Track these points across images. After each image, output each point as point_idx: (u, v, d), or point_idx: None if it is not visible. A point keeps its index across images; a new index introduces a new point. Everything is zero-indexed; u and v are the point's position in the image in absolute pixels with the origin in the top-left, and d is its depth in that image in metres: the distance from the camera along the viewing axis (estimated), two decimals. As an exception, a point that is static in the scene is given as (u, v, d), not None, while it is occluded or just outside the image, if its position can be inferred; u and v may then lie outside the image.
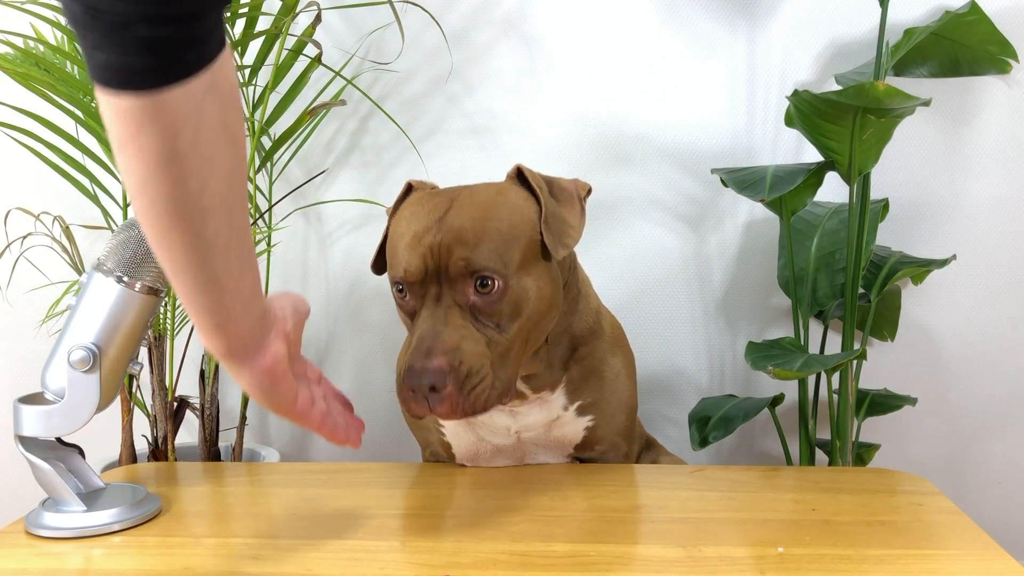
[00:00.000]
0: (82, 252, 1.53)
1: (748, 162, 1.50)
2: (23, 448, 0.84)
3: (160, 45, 0.52)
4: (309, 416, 0.78)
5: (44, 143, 1.28)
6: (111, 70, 0.53)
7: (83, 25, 0.52)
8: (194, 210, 0.59)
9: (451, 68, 1.51)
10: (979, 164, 1.47)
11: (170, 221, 0.59)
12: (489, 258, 0.85)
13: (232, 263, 0.64)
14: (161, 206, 0.59)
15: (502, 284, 0.85)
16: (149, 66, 0.53)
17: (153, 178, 0.57)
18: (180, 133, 0.56)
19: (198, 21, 0.53)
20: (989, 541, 0.78)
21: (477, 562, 0.75)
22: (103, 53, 0.53)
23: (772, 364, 1.15)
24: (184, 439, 1.56)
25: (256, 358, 0.70)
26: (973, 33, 1.35)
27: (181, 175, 0.57)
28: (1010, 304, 1.50)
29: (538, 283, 0.88)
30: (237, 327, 0.67)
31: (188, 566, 0.75)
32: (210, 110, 0.57)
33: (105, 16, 0.51)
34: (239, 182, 0.61)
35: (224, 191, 0.60)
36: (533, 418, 1.00)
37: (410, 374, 0.81)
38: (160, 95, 0.54)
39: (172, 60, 0.53)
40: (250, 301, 0.67)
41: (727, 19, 1.48)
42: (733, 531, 0.82)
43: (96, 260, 0.83)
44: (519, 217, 0.88)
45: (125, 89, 0.54)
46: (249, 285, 0.66)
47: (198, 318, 0.67)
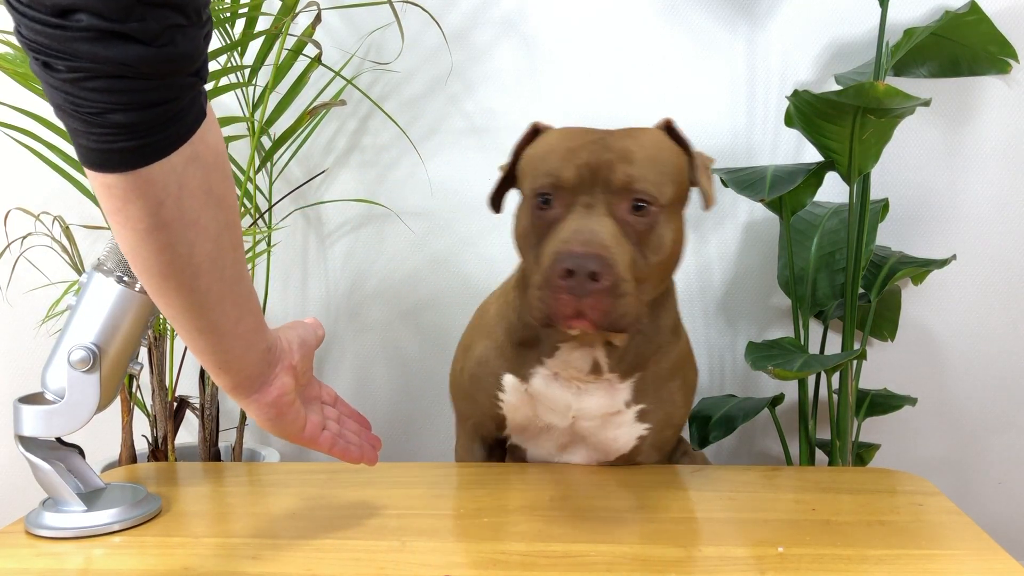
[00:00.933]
0: (82, 252, 1.53)
1: (748, 162, 1.50)
2: (23, 448, 0.84)
3: (135, 129, 0.55)
4: (318, 441, 0.80)
5: (44, 143, 1.28)
6: (92, 153, 0.56)
7: (64, 113, 0.55)
8: (185, 269, 0.63)
9: (451, 68, 1.51)
10: (979, 164, 1.47)
11: (163, 280, 0.63)
12: (652, 182, 0.85)
13: (227, 311, 0.67)
14: (153, 267, 0.62)
15: (656, 211, 0.85)
16: (126, 148, 0.56)
17: (142, 244, 0.61)
18: (163, 203, 0.59)
19: (171, 104, 0.56)
20: (989, 541, 0.78)
21: (477, 562, 0.75)
22: (83, 139, 0.56)
23: (772, 364, 1.15)
24: (184, 439, 1.56)
25: (262, 391, 0.73)
26: (973, 33, 1.35)
27: (168, 241, 0.61)
28: (1010, 304, 1.50)
29: (678, 227, 0.89)
30: (240, 365, 0.70)
31: (188, 566, 0.75)
32: (192, 179, 0.59)
33: (83, 106, 0.53)
34: (228, 240, 0.64)
35: (212, 250, 0.63)
36: (595, 403, 0.98)
37: (568, 256, 0.79)
38: (140, 172, 0.57)
39: (148, 141, 0.56)
40: (250, 342, 0.70)
41: (727, 19, 1.48)
42: (733, 531, 0.82)
43: (96, 260, 0.83)
44: (677, 160, 0.90)
45: (106, 170, 0.57)
46: (248, 327, 0.69)
47: (202, 359, 0.70)
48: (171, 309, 0.66)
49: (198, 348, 0.68)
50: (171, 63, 0.54)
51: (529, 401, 1.00)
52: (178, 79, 0.55)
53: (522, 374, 0.99)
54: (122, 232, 0.61)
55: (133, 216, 0.59)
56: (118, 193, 0.58)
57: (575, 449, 1.03)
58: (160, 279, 0.63)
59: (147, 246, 0.61)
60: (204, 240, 0.62)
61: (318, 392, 0.82)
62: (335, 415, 0.84)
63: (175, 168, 0.58)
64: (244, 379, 0.71)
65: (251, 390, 0.72)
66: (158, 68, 0.53)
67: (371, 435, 0.86)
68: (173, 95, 0.56)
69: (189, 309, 0.65)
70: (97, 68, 0.52)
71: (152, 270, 0.62)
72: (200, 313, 0.66)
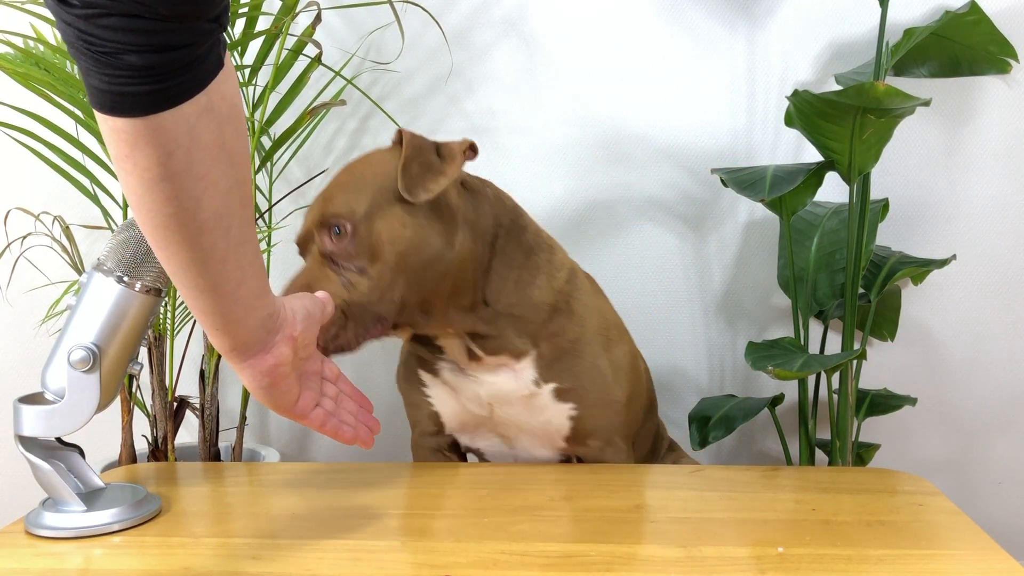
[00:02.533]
0: (82, 252, 1.53)
1: (748, 162, 1.50)
2: (23, 448, 0.84)
3: (149, 73, 0.53)
4: (309, 417, 0.79)
5: (44, 143, 1.28)
6: (103, 94, 0.55)
7: (76, 50, 0.53)
8: (189, 224, 0.61)
9: (451, 68, 1.51)
10: (979, 164, 1.47)
11: (166, 233, 0.61)
12: (340, 203, 0.91)
13: (230, 272, 0.65)
14: (157, 219, 0.61)
15: (351, 228, 0.90)
16: (139, 92, 0.54)
17: (148, 193, 0.59)
18: (173, 154, 0.57)
19: (188, 49, 0.54)
20: (989, 541, 0.78)
21: (477, 562, 0.75)
22: (95, 79, 0.54)
23: (772, 364, 1.15)
24: (184, 439, 1.56)
25: (258, 358, 0.71)
26: (973, 33, 1.35)
27: (174, 192, 0.59)
28: (1010, 304, 1.50)
29: (391, 226, 0.91)
30: (237, 329, 0.68)
31: (188, 566, 0.75)
32: (204, 131, 0.58)
33: (96, 44, 0.52)
34: (237, 198, 0.63)
35: (219, 207, 0.61)
36: (502, 388, 1.00)
37: None
38: (151, 119, 0.55)
39: (162, 87, 0.54)
40: (251, 306, 0.68)
41: (727, 19, 1.48)
42: (733, 531, 0.82)
43: (96, 260, 0.83)
44: (373, 169, 0.94)
45: (116, 114, 0.55)
46: (250, 291, 0.67)
47: (200, 318, 0.68)
48: (172, 264, 0.64)
49: (197, 307, 0.67)
50: (189, 5, 0.52)
51: (452, 392, 1.04)
52: (196, 23, 0.54)
53: (432, 369, 1.04)
54: (128, 179, 0.59)
55: (140, 164, 0.57)
56: (127, 139, 0.56)
57: (520, 440, 1.04)
58: (163, 231, 0.61)
59: (152, 196, 0.59)
60: (212, 196, 0.61)
61: (319, 367, 0.80)
62: (334, 393, 0.82)
63: (188, 118, 0.56)
64: (241, 343, 0.70)
65: (247, 355, 0.71)
66: (176, 10, 0.52)
67: (370, 417, 0.85)
68: (190, 40, 0.54)
69: (190, 265, 0.63)
70: (113, 5, 0.50)
71: (156, 221, 0.61)
72: (201, 271, 0.64)
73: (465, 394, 1.02)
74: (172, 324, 1.30)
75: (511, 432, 1.04)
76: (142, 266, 0.82)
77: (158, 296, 0.84)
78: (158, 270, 0.83)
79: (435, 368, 1.04)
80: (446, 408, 1.05)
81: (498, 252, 0.98)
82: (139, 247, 0.82)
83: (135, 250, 0.82)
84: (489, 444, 1.07)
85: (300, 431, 1.64)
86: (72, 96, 1.20)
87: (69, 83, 1.21)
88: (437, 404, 1.06)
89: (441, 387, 1.04)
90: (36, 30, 1.36)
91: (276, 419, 1.64)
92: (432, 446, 1.11)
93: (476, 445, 1.08)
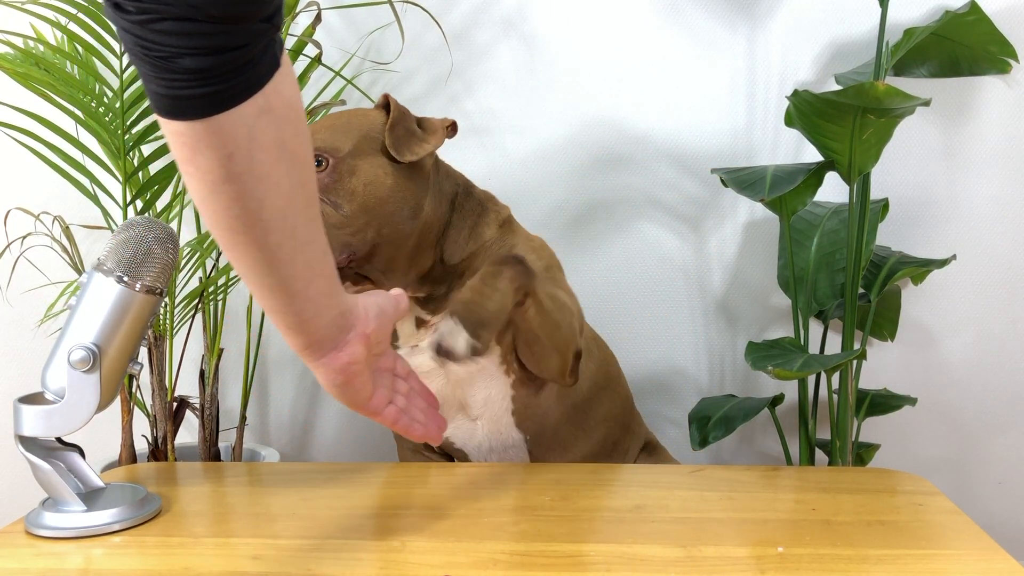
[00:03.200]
0: (82, 252, 1.53)
1: (748, 162, 1.50)
2: (23, 448, 0.84)
3: (205, 75, 0.54)
4: (382, 414, 0.79)
5: (44, 143, 1.28)
6: (162, 99, 0.56)
7: (135, 56, 0.55)
8: (255, 225, 0.62)
9: (451, 68, 1.51)
10: (979, 164, 1.47)
11: (232, 234, 0.62)
12: (320, 140, 0.94)
13: (298, 271, 0.66)
14: (223, 220, 0.62)
15: (332, 162, 0.94)
16: (196, 95, 0.55)
17: (212, 195, 0.60)
18: (233, 156, 0.58)
19: (242, 50, 0.55)
20: (989, 541, 0.78)
21: (477, 562, 0.75)
22: (154, 84, 0.55)
23: (772, 364, 1.15)
24: (184, 439, 1.56)
25: (331, 356, 0.72)
26: (973, 33, 1.35)
27: (237, 193, 0.60)
28: (1010, 304, 1.50)
29: (374, 171, 0.95)
30: (310, 328, 0.69)
31: (188, 566, 0.75)
32: (263, 131, 0.58)
33: (152, 49, 0.53)
34: (301, 198, 0.63)
35: (283, 207, 0.62)
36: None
37: None
38: (210, 121, 0.56)
39: (218, 89, 0.55)
40: (322, 305, 0.69)
41: (727, 19, 1.48)
42: (733, 531, 0.82)
43: (96, 260, 0.83)
44: (359, 120, 0.98)
45: (176, 117, 0.56)
46: (320, 290, 0.68)
47: (272, 317, 0.69)
48: (241, 265, 0.65)
49: (268, 307, 0.68)
50: (241, 7, 0.53)
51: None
52: (249, 25, 0.54)
53: None
54: (192, 182, 0.60)
55: (203, 166, 0.58)
56: (188, 142, 0.57)
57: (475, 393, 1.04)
58: (229, 233, 0.62)
59: (217, 198, 0.60)
60: (275, 196, 0.61)
61: (392, 364, 0.81)
62: (405, 389, 0.82)
63: (246, 119, 0.57)
64: (314, 341, 0.70)
65: (320, 353, 0.71)
66: (228, 11, 0.52)
67: (438, 415, 0.85)
68: (244, 41, 0.54)
69: (258, 265, 0.64)
70: (165, 9, 0.51)
71: (221, 223, 0.62)
72: (269, 271, 0.65)
73: (422, 371, 1.04)
74: (172, 324, 1.30)
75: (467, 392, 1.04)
76: (142, 266, 0.82)
77: (158, 296, 0.84)
78: (158, 270, 0.83)
79: None
80: None
81: (456, 208, 1.04)
82: (139, 247, 0.82)
83: (135, 250, 0.82)
84: (456, 428, 1.07)
85: (300, 431, 1.64)
86: (72, 96, 1.20)
87: (69, 83, 1.21)
88: None
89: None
90: (36, 30, 1.36)
91: (276, 419, 1.64)
92: (410, 447, 1.13)
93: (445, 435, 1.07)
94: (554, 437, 1.08)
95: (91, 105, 1.22)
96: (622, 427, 1.17)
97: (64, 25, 1.21)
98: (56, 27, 1.20)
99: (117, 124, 1.21)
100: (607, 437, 1.14)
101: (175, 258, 0.85)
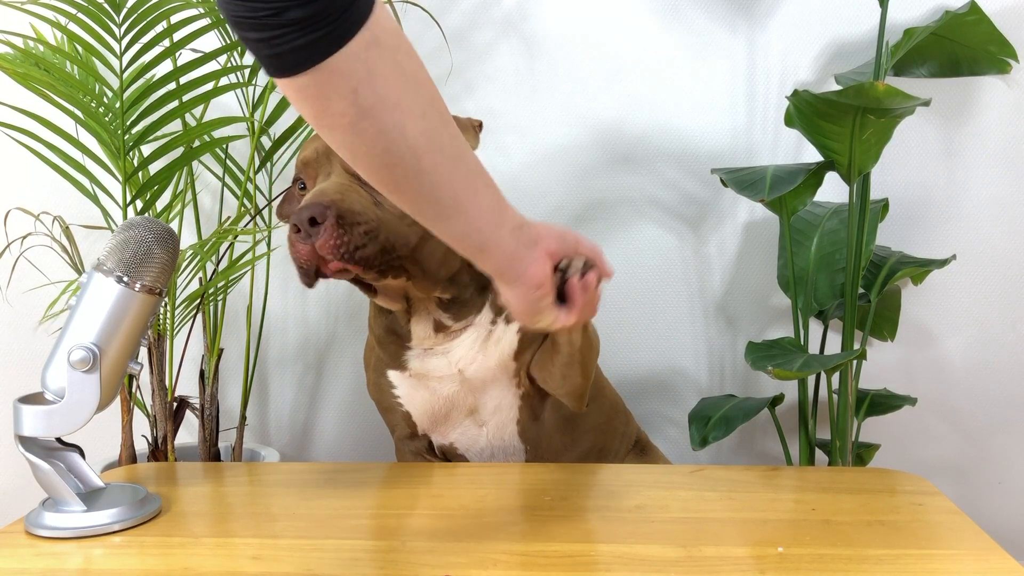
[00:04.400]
0: (82, 252, 1.53)
1: (748, 162, 1.50)
2: (23, 448, 0.84)
3: (312, 22, 0.57)
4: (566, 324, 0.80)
5: (44, 143, 1.28)
6: (278, 59, 0.59)
7: (243, 27, 0.58)
8: (405, 153, 0.64)
9: (451, 68, 1.51)
10: (979, 164, 1.47)
11: (389, 171, 0.65)
12: None
13: (461, 187, 0.68)
14: (376, 160, 0.64)
15: None
16: (307, 43, 0.58)
17: (357, 138, 0.63)
18: (357, 91, 0.61)
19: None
20: (989, 541, 0.78)
21: (477, 562, 0.75)
22: (265, 48, 0.58)
23: (772, 364, 1.15)
24: (184, 439, 1.56)
25: (528, 273, 0.74)
26: (973, 33, 1.35)
27: (377, 128, 0.63)
28: (1010, 304, 1.50)
29: None
30: (496, 243, 0.72)
31: (188, 566, 0.75)
32: (378, 62, 0.61)
33: (260, 9, 0.56)
34: (436, 115, 0.66)
35: (424, 127, 0.65)
36: (468, 341, 1.02)
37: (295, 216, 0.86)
38: (325, 65, 0.59)
39: (326, 31, 0.58)
40: (497, 218, 0.72)
41: (727, 19, 1.48)
42: (733, 531, 0.82)
43: (96, 260, 0.83)
44: None
45: (296, 72, 0.59)
46: (489, 202, 0.71)
47: (461, 248, 0.72)
48: (412, 203, 0.67)
49: (453, 236, 0.70)
50: None
51: (418, 384, 1.05)
52: None
53: (399, 364, 1.06)
54: (334, 134, 0.63)
55: (336, 110, 0.61)
56: (313, 92, 0.60)
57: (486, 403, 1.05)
58: (388, 170, 0.65)
59: (361, 138, 0.63)
60: (411, 119, 0.64)
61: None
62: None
63: (357, 54, 0.60)
64: (505, 260, 0.73)
65: (517, 272, 0.73)
66: None
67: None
68: None
69: (425, 194, 0.67)
70: None
71: (375, 164, 0.64)
72: (437, 196, 0.67)
73: (434, 375, 1.04)
74: (172, 324, 1.30)
75: (479, 399, 1.05)
76: (142, 266, 0.82)
77: (158, 296, 0.84)
78: (158, 270, 0.83)
79: (402, 361, 1.05)
80: (415, 404, 1.07)
81: None
82: (139, 247, 0.82)
83: (135, 250, 0.82)
84: (461, 433, 1.08)
85: (300, 431, 1.64)
86: (72, 96, 1.20)
87: (69, 83, 1.21)
88: (406, 403, 1.07)
89: (408, 381, 1.06)
90: (36, 30, 1.36)
91: (276, 419, 1.64)
92: (412, 450, 1.13)
93: (449, 440, 1.09)
94: (548, 447, 1.10)
95: (91, 105, 1.22)
96: (607, 434, 1.19)
97: (64, 25, 1.21)
98: (56, 27, 1.20)
99: (117, 124, 1.21)
100: (594, 445, 1.16)
101: (175, 258, 0.85)
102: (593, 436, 1.16)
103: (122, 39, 1.19)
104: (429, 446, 1.12)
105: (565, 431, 1.11)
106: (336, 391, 1.62)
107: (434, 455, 1.14)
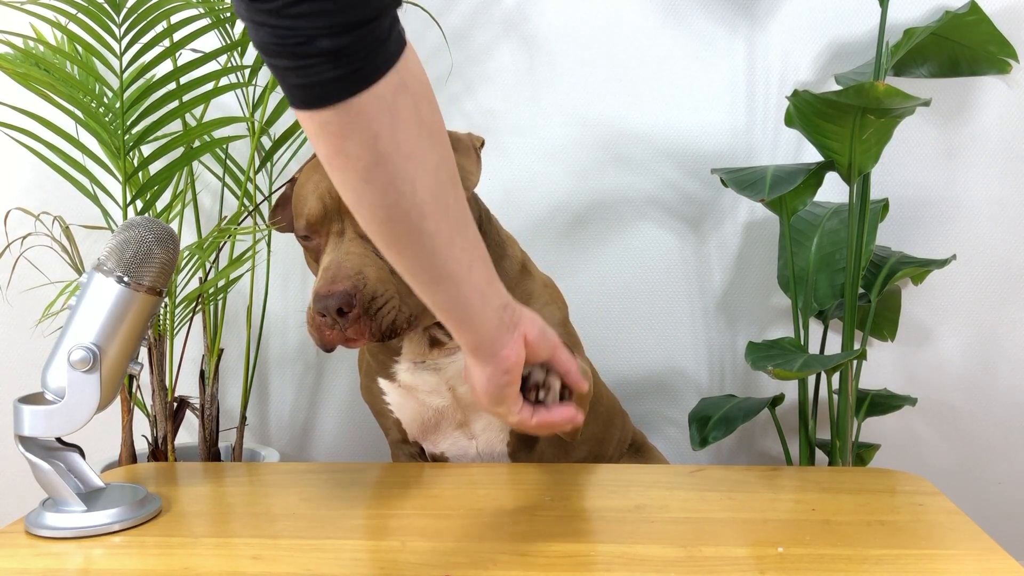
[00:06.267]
0: (82, 252, 1.53)
1: (748, 162, 1.50)
2: (23, 448, 0.84)
3: (342, 55, 0.56)
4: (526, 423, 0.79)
5: (44, 143, 1.28)
6: (303, 90, 0.57)
7: (273, 53, 0.56)
8: (411, 210, 0.63)
9: (451, 68, 1.51)
10: (979, 164, 1.47)
11: (392, 226, 0.63)
12: None
13: (459, 256, 0.67)
14: (380, 212, 0.62)
15: None
16: (335, 77, 0.57)
17: (366, 185, 0.61)
18: (379, 136, 0.59)
19: (373, 25, 0.57)
20: (989, 541, 0.78)
21: (477, 562, 0.75)
22: (292, 77, 0.57)
23: (772, 364, 1.15)
24: (184, 439, 1.56)
25: (500, 356, 0.72)
26: (973, 33, 1.35)
27: (389, 177, 0.61)
28: (1010, 304, 1.50)
29: None
30: (480, 321, 0.70)
31: (188, 566, 0.75)
32: (402, 108, 0.60)
33: (290, 36, 0.55)
34: (446, 174, 0.64)
35: (433, 185, 0.63)
36: (460, 364, 1.02)
37: (317, 299, 0.86)
38: (351, 103, 0.58)
39: (356, 68, 0.57)
40: (485, 294, 0.70)
41: (727, 19, 1.48)
42: (733, 531, 0.82)
43: (96, 260, 0.83)
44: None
45: (320, 106, 0.58)
46: (481, 277, 0.69)
47: (442, 316, 0.70)
48: (405, 260, 0.66)
49: (437, 303, 0.69)
50: None
51: (408, 394, 1.05)
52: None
53: (388, 374, 1.06)
54: (344, 175, 0.61)
55: (352, 152, 0.59)
56: (334, 130, 0.59)
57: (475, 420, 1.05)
58: (389, 224, 0.63)
59: (371, 187, 0.61)
60: (424, 173, 0.62)
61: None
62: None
63: (384, 97, 0.59)
64: (485, 337, 0.71)
65: (491, 352, 0.72)
66: None
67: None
68: (373, 14, 0.56)
69: (421, 256, 0.65)
70: None
71: (379, 215, 0.63)
72: (432, 259, 0.66)
73: (424, 388, 1.04)
74: (172, 324, 1.30)
75: (469, 415, 1.05)
76: (142, 266, 0.82)
77: (158, 296, 0.84)
78: (158, 270, 0.83)
79: (391, 372, 1.05)
80: (405, 413, 1.07)
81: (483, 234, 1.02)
82: (139, 247, 0.82)
83: (135, 250, 0.82)
84: (451, 444, 1.08)
85: (300, 431, 1.64)
86: (72, 96, 1.20)
87: (69, 83, 1.21)
88: (397, 411, 1.07)
89: (397, 391, 1.06)
90: (36, 30, 1.36)
91: (276, 419, 1.64)
92: (406, 452, 1.13)
93: (440, 449, 1.09)
94: (539, 460, 1.09)
95: (91, 105, 1.22)
96: (603, 443, 1.19)
97: (64, 25, 1.21)
98: (56, 27, 1.20)
99: (117, 124, 1.21)
100: (588, 454, 1.16)
101: (175, 258, 0.85)
102: (587, 447, 1.16)
103: (122, 39, 1.19)
104: (421, 451, 1.12)
105: (556, 444, 1.11)
106: (336, 391, 1.62)
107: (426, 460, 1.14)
